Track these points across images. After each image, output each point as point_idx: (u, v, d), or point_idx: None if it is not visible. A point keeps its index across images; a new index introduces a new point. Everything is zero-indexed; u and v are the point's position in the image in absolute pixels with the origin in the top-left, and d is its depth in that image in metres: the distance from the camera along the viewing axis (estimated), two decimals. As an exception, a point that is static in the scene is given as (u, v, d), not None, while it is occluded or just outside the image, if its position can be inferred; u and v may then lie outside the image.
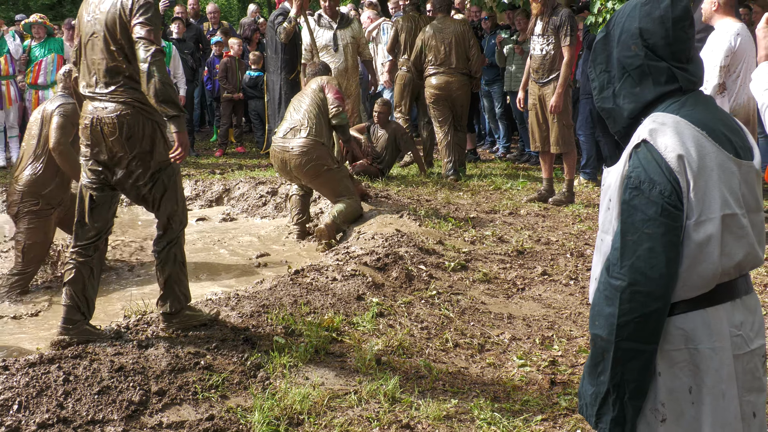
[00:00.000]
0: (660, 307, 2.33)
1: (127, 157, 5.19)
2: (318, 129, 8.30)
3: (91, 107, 5.28)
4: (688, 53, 2.43)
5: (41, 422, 4.21)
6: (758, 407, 2.51)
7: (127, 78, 5.15)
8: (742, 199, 2.38)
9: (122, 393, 4.49)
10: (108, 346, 4.99)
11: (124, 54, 5.11)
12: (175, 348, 4.95)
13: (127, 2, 4.97)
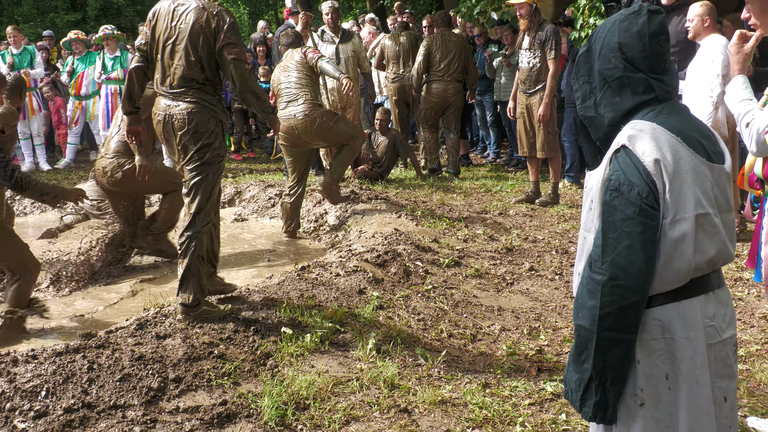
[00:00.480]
0: (638, 299, 2.34)
1: (192, 148, 5.37)
2: (312, 94, 8.49)
3: (163, 104, 5.49)
4: (664, 65, 2.44)
5: (67, 407, 4.22)
6: (729, 392, 2.52)
7: (199, 84, 5.35)
8: (714, 199, 2.39)
9: (142, 380, 4.49)
10: (129, 337, 5.00)
11: (201, 65, 5.29)
12: (191, 338, 4.95)
13: (212, 21, 5.15)
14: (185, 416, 4.22)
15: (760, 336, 5.21)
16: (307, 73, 8.58)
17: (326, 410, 4.30)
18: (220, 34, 5.22)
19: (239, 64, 5.25)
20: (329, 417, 4.24)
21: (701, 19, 6.60)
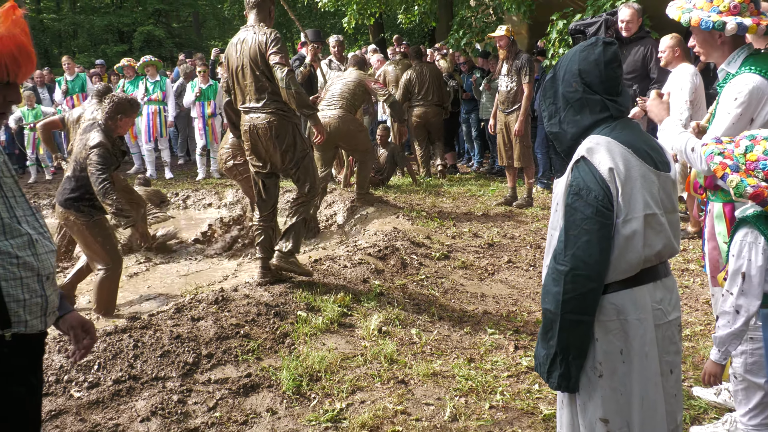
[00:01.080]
0: (595, 286, 2.35)
1: (278, 151, 5.68)
2: (349, 106, 8.81)
3: (247, 117, 5.79)
4: (618, 88, 2.45)
5: (116, 379, 4.23)
6: (675, 365, 2.53)
7: (270, 93, 5.60)
8: (660, 202, 2.41)
9: (179, 356, 4.51)
10: (168, 319, 5.01)
11: (266, 76, 5.56)
12: (221, 320, 4.96)
13: (262, 39, 5.43)
14: (216, 387, 4.23)
15: (703, 318, 5.22)
16: (354, 92, 8.90)
17: (335, 381, 4.32)
18: (268, 47, 5.46)
19: (281, 66, 5.41)
20: (338, 387, 4.25)
21: (672, 50, 6.54)
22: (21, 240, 1.83)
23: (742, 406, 3.02)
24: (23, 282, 1.82)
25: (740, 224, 2.83)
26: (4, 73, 1.78)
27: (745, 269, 2.75)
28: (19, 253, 1.82)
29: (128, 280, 6.97)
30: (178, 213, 10.22)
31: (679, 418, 2.57)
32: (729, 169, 2.73)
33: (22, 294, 1.81)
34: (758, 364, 2.90)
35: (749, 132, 2.81)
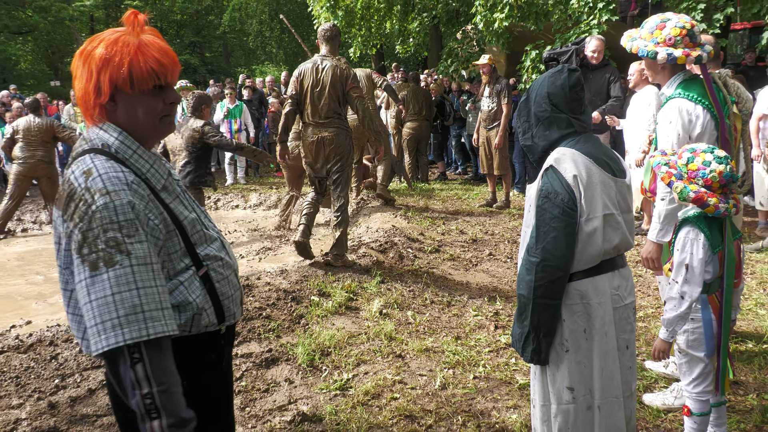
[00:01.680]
0: (562, 275, 2.37)
1: (335, 158, 5.98)
2: None
3: (313, 130, 6.01)
4: (581, 108, 2.47)
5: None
6: (630, 342, 2.55)
7: (337, 114, 5.98)
8: (617, 204, 2.42)
9: (211, 334, 4.52)
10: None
11: (339, 102, 5.93)
12: (246, 304, 4.96)
13: (344, 74, 5.85)
14: (242, 360, 4.24)
15: (653, 302, 5.22)
16: None
17: (343, 356, 4.33)
18: (347, 81, 5.86)
19: (361, 100, 5.93)
20: (345, 360, 4.26)
21: (640, 73, 6.50)
22: (216, 244, 1.82)
23: (686, 376, 3.03)
24: (228, 279, 1.81)
25: (683, 223, 2.85)
26: (155, 78, 1.66)
27: (688, 261, 2.77)
28: (220, 255, 1.81)
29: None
30: (210, 213, 10.22)
31: (634, 387, 2.58)
32: (674, 177, 2.77)
33: (229, 290, 1.81)
34: (698, 340, 2.92)
35: (690, 146, 2.84)
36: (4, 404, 3.68)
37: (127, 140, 1.70)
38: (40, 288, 6.52)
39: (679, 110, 3.23)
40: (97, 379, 3.93)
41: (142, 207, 1.61)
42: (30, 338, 4.45)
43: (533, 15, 9.51)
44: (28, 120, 8.84)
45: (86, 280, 1.53)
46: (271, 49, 26.42)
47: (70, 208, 1.57)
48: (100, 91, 1.65)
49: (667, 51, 3.15)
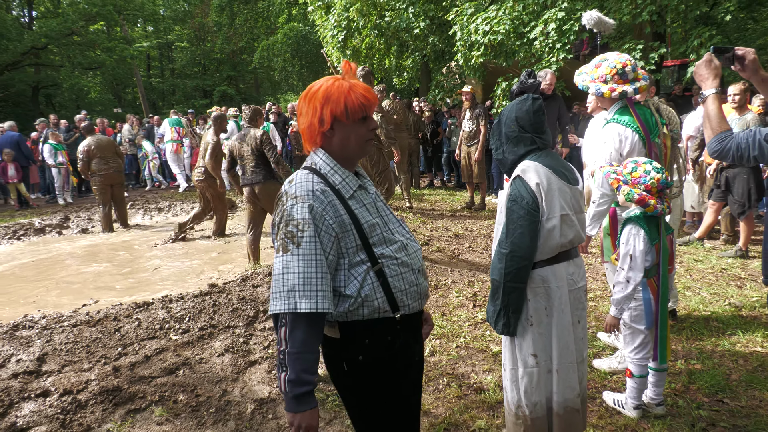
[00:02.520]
0: (527, 263, 2.36)
1: (369, 165, 6.61)
2: None
3: None
4: (542, 128, 2.46)
5: (200, 327, 4.24)
6: (582, 318, 2.54)
7: None
8: (572, 206, 2.42)
9: (244, 311, 4.51)
10: (236, 286, 5.01)
11: None
12: (272, 287, 4.97)
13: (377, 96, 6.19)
14: (268, 332, 4.23)
15: (601, 285, 5.22)
16: None
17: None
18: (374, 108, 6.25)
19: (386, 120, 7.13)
20: (352, 332, 4.26)
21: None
22: (396, 245, 1.83)
23: (629, 345, 3.03)
24: (402, 276, 1.82)
25: (627, 221, 2.88)
26: (362, 111, 1.78)
27: (632, 252, 2.80)
28: (397, 255, 1.82)
29: (217, 256, 6.97)
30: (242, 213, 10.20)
31: (585, 354, 2.57)
32: (621, 182, 2.83)
33: (403, 285, 1.81)
34: (640, 316, 2.94)
35: (633, 158, 2.89)
36: (77, 367, 3.67)
37: (328, 160, 1.82)
38: (104, 274, 6.52)
39: (612, 132, 3.27)
40: (152, 348, 3.92)
41: (321, 210, 1.71)
42: (98, 314, 4.46)
43: (503, 54, 9.50)
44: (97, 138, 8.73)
45: (275, 258, 1.73)
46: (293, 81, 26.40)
47: (277, 206, 1.77)
48: (323, 121, 1.76)
49: (596, 86, 3.21)
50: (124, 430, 3.09)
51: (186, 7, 31.80)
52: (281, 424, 3.12)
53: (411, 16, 11.21)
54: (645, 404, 3.10)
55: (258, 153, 6.19)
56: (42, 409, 3.24)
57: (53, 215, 10.41)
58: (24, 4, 28.63)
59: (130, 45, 26.33)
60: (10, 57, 23.51)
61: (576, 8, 8.63)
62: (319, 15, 12.70)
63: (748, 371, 3.50)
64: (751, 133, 2.10)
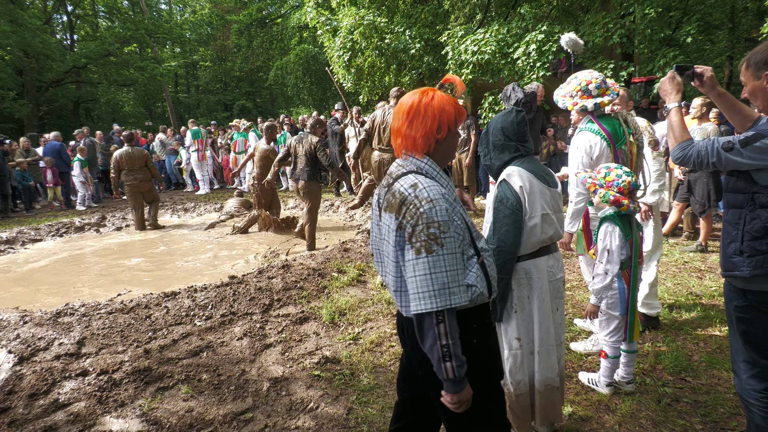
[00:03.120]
0: (512, 257, 2.35)
1: None
2: None
3: (378, 154, 6.44)
4: (526, 137, 2.44)
5: (222, 314, 4.22)
6: (560, 305, 2.53)
7: None
8: (551, 206, 2.40)
9: (260, 300, 4.49)
10: (253, 278, 4.99)
11: None
12: (285, 278, 4.94)
13: None
14: (282, 318, 4.22)
15: (577, 277, 5.19)
16: None
17: (355, 315, 4.30)
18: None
19: None
20: (356, 319, 4.24)
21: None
22: (483, 239, 1.84)
23: (604, 329, 3.01)
24: (492, 265, 1.83)
25: (603, 221, 2.87)
26: (459, 122, 1.76)
27: (609, 247, 2.79)
28: (486, 247, 1.84)
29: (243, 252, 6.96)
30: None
31: (562, 337, 2.56)
32: (597, 186, 2.82)
33: (492, 272, 1.82)
34: (615, 303, 2.92)
35: (605, 164, 2.88)
36: (112, 350, 3.66)
37: (433, 165, 1.77)
38: (136, 267, 6.51)
39: (583, 140, 3.27)
40: (178, 332, 3.91)
41: (451, 211, 1.68)
42: (131, 303, 4.44)
43: (490, 71, 9.48)
44: (128, 150, 8.60)
45: (412, 260, 1.62)
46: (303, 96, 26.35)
47: (403, 210, 1.65)
48: (440, 129, 1.73)
49: (563, 101, 3.26)
50: (154, 405, 3.08)
51: (209, 31, 31.72)
52: (293, 400, 3.10)
53: (408, 39, 11.17)
54: (616, 382, 3.08)
55: (310, 156, 6.46)
56: (81, 387, 3.22)
57: (91, 215, 10.40)
58: (66, 29, 28.61)
59: (159, 64, 26.29)
60: (54, 75, 23.49)
61: (554, 31, 8.60)
62: (326, 38, 12.66)
63: (708, 353, 3.49)
64: (710, 142, 2.09)
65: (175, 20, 30.91)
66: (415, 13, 11.80)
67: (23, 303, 5.14)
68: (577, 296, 4.62)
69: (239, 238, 7.84)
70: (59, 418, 2.95)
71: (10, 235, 8.41)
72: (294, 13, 25.47)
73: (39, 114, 23.58)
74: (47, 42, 22.36)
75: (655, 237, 3.99)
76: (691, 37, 8.68)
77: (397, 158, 1.82)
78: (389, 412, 2.93)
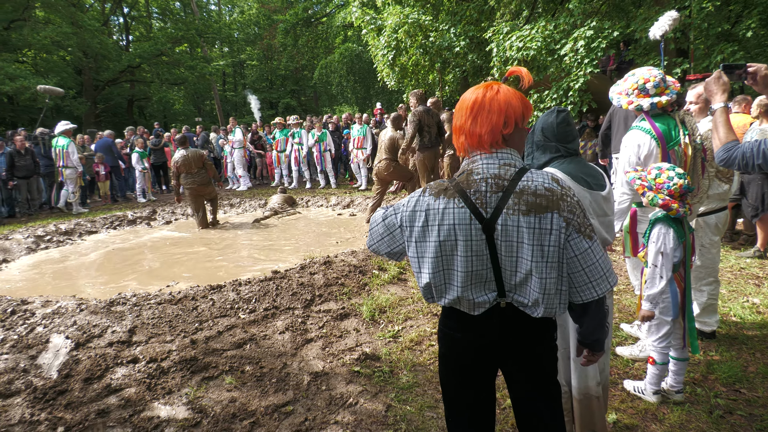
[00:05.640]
0: None
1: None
2: None
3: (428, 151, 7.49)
4: (567, 138, 2.36)
5: (265, 308, 4.30)
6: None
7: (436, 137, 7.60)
8: (593, 210, 2.31)
9: (302, 295, 4.55)
10: (296, 273, 5.07)
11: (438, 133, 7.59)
12: (327, 275, 4.99)
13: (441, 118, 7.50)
14: (323, 314, 4.27)
15: (624, 281, 5.03)
16: None
17: (395, 313, 4.31)
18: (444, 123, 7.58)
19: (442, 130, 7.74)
20: (396, 316, 4.24)
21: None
22: None
23: (653, 335, 2.91)
24: None
25: (655, 222, 2.77)
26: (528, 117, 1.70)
27: (662, 250, 2.70)
28: None
29: (283, 248, 7.08)
30: (303, 210, 10.35)
31: (607, 344, 2.48)
32: (646, 188, 2.72)
33: None
34: (667, 307, 2.82)
35: (657, 164, 2.77)
36: (161, 339, 3.79)
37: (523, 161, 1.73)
38: (184, 261, 6.71)
39: (632, 139, 3.16)
40: (223, 324, 4.01)
41: None
42: (179, 294, 4.58)
43: (535, 68, 9.28)
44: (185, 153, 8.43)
45: (590, 247, 1.61)
46: (347, 94, 26.56)
47: (562, 206, 1.59)
48: (507, 123, 1.64)
49: (618, 98, 3.15)
50: (200, 394, 3.17)
51: (256, 31, 32.38)
52: (333, 395, 3.13)
53: (453, 36, 11.08)
54: (664, 391, 2.97)
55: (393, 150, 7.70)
56: (132, 374, 3.35)
57: (143, 209, 10.80)
58: (122, 30, 29.81)
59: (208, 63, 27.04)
60: (111, 75, 24.53)
61: (604, 27, 8.34)
62: (371, 36, 12.69)
63: (766, 364, 3.31)
64: (756, 143, 2.00)
65: (224, 20, 31.71)
66: (461, 11, 11.69)
67: (80, 292, 5.39)
68: (624, 300, 4.47)
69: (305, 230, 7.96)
70: (111, 402, 3.08)
71: (68, 226, 8.84)
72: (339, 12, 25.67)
73: (96, 112, 24.68)
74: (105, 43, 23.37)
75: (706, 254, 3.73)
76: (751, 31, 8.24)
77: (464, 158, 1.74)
78: (428, 411, 2.92)
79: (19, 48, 21.51)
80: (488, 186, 1.63)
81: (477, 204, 1.62)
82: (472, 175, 1.66)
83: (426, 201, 1.68)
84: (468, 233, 1.61)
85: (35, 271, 6.48)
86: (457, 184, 1.67)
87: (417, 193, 1.73)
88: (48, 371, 3.38)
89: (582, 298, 1.66)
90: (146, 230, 9.06)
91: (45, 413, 2.97)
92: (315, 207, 10.69)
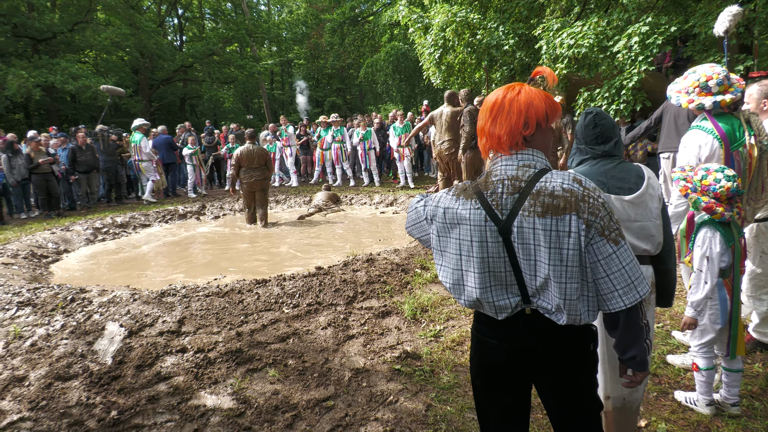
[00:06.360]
0: None
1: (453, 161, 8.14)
2: None
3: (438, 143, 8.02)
4: (598, 140, 2.28)
5: (308, 303, 4.36)
6: (650, 318, 2.37)
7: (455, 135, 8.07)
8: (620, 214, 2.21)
9: (345, 291, 4.59)
10: (339, 270, 5.11)
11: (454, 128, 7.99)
12: (369, 272, 5.02)
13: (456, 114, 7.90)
14: (365, 311, 4.29)
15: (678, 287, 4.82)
16: None
17: (437, 312, 4.29)
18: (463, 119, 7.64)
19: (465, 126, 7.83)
20: (438, 316, 4.22)
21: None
22: None
23: (696, 340, 2.80)
24: None
25: (702, 225, 2.64)
26: (553, 118, 1.64)
27: (708, 254, 2.57)
28: None
29: (328, 244, 7.18)
30: (347, 207, 10.43)
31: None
32: (690, 190, 2.62)
33: None
34: (715, 314, 2.70)
35: (705, 165, 2.65)
36: (208, 330, 3.91)
37: (548, 161, 1.66)
38: (230, 255, 6.89)
39: (693, 138, 3.02)
40: (268, 318, 4.10)
41: None
42: (225, 288, 4.71)
43: (586, 66, 9.02)
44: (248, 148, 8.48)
45: (615, 252, 1.52)
46: (392, 93, 26.59)
47: (582, 207, 1.51)
48: (527, 124, 1.60)
49: (678, 97, 3.02)
50: (244, 385, 3.25)
51: (304, 30, 32.87)
52: (373, 392, 3.15)
53: (501, 35, 10.91)
54: (718, 402, 2.84)
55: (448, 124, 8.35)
56: (180, 363, 3.47)
57: (193, 203, 11.16)
58: (176, 31, 30.89)
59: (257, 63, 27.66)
60: (165, 74, 25.47)
61: (661, 23, 8.02)
62: (418, 35, 12.65)
63: (832, 380, 3.11)
64: None
65: (272, 20, 32.36)
66: (509, 8, 11.50)
67: (133, 282, 5.62)
68: (676, 307, 4.30)
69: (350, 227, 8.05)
70: (161, 389, 3.20)
71: (123, 219, 9.24)
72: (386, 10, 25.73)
73: (151, 110, 25.67)
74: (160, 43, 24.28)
75: None
76: (823, 26, 7.74)
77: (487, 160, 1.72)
78: (468, 412, 2.90)
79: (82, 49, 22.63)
80: (504, 187, 1.59)
81: (493, 206, 1.58)
82: (490, 177, 1.63)
83: (448, 200, 1.67)
84: (483, 235, 1.58)
85: (92, 261, 6.81)
86: (476, 185, 1.64)
87: (444, 191, 1.73)
88: (103, 357, 3.55)
89: (609, 308, 1.57)
90: (195, 224, 9.36)
91: (100, 397, 3.12)
92: (359, 205, 10.76)
